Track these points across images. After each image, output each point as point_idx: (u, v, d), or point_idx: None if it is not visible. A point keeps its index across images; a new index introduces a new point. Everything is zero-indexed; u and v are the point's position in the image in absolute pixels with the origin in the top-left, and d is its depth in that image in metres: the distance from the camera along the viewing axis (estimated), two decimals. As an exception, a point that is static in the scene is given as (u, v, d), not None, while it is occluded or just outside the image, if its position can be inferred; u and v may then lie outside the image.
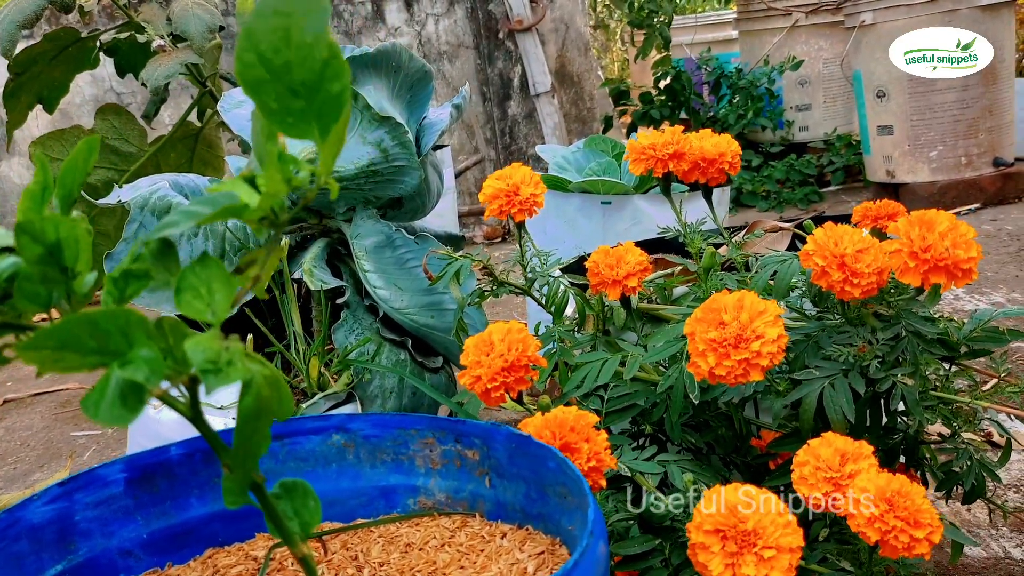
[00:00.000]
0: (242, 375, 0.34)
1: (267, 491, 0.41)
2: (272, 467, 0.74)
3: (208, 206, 0.35)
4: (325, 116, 0.36)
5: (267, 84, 0.35)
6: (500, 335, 0.81)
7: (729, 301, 0.77)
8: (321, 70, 0.35)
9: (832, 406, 0.77)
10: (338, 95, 0.35)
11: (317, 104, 0.35)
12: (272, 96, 0.35)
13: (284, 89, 0.35)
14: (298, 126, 0.36)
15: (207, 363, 0.33)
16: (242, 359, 0.34)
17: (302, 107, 0.35)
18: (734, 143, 0.95)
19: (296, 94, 0.35)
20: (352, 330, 1.12)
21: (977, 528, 1.14)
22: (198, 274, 0.36)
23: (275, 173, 0.36)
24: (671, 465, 0.84)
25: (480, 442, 0.70)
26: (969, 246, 0.70)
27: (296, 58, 0.34)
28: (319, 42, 0.34)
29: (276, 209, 0.37)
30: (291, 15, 0.34)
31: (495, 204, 0.89)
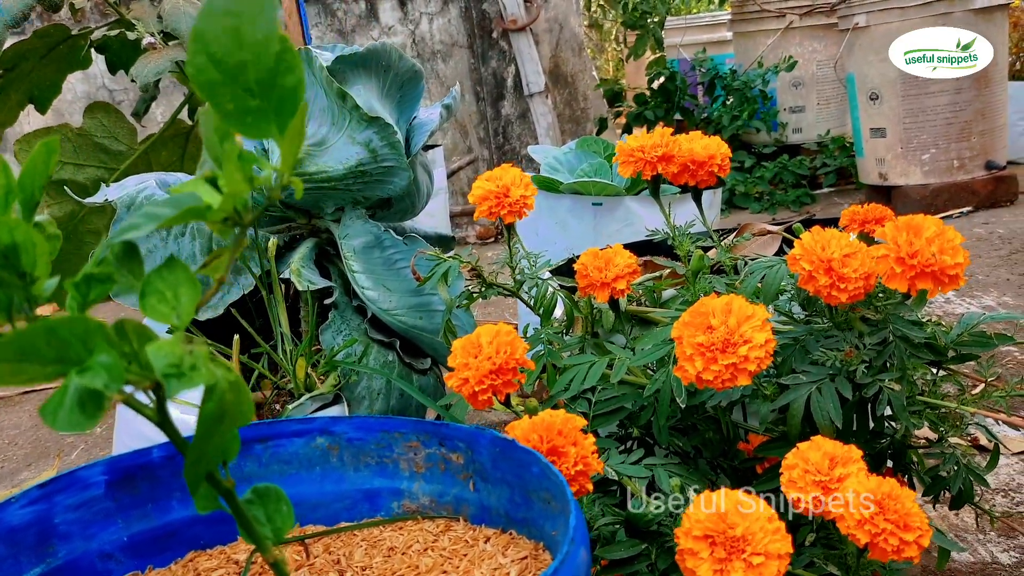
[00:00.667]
0: (206, 379, 0.33)
1: (238, 497, 0.40)
2: (255, 470, 0.74)
3: (171, 207, 0.34)
4: (282, 112, 0.35)
5: (222, 86, 0.34)
6: (488, 337, 0.81)
7: (717, 305, 0.76)
8: (275, 65, 0.34)
9: (819, 411, 0.77)
10: (293, 89, 0.35)
11: (273, 101, 0.35)
12: (228, 98, 0.35)
13: (239, 90, 0.34)
14: (257, 126, 0.35)
15: (169, 368, 0.32)
16: (206, 363, 0.34)
17: (258, 106, 0.35)
18: (723, 145, 0.95)
19: (251, 93, 0.35)
20: (340, 331, 1.11)
21: (965, 532, 1.14)
22: (164, 278, 0.35)
23: (235, 173, 0.35)
24: (658, 469, 0.83)
25: (464, 446, 0.70)
26: (956, 252, 0.70)
27: (250, 57, 0.34)
28: (271, 38, 0.34)
29: (240, 209, 0.36)
30: (241, 15, 0.33)
31: (485, 205, 0.88)
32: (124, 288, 0.36)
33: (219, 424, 0.35)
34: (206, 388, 0.34)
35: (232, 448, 0.39)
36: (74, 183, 1.75)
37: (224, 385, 0.35)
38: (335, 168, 1.09)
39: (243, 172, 0.36)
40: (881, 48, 2.91)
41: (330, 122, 1.10)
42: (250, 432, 0.73)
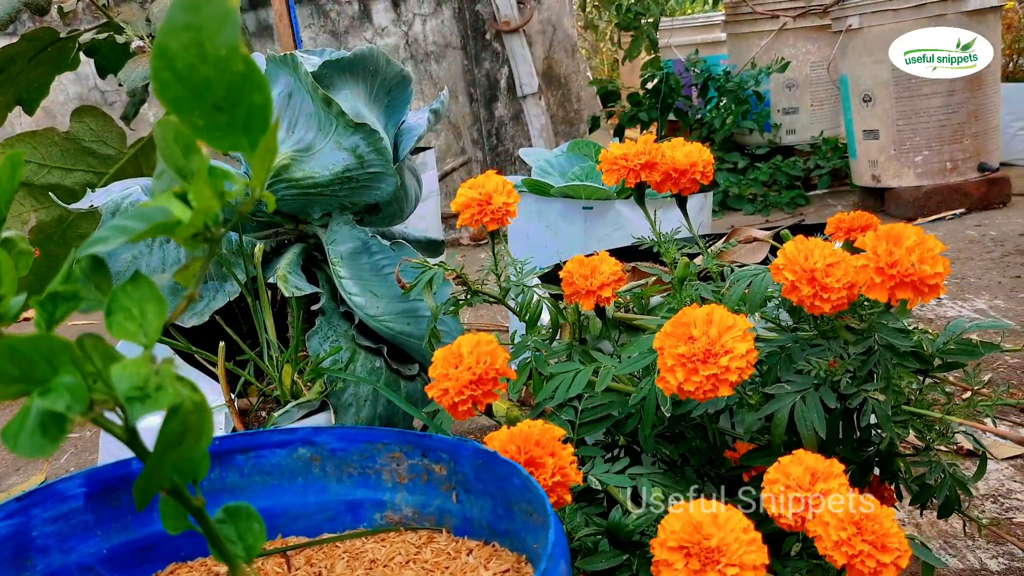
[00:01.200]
0: (171, 400, 0.33)
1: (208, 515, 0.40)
2: (237, 481, 0.73)
3: (141, 221, 0.34)
4: (251, 129, 0.35)
5: (189, 101, 0.34)
6: (469, 347, 0.80)
7: (698, 315, 0.76)
8: (240, 83, 0.34)
9: (803, 421, 0.76)
10: (262, 106, 0.35)
11: (242, 117, 0.35)
12: (196, 113, 0.34)
13: (208, 105, 0.34)
14: (228, 139, 0.35)
15: (133, 390, 0.32)
16: (172, 383, 0.33)
17: (228, 121, 0.35)
18: (706, 152, 0.95)
19: (220, 109, 0.34)
20: (327, 337, 1.11)
21: (954, 539, 1.13)
22: (130, 294, 0.35)
23: (204, 188, 0.35)
24: (642, 479, 0.83)
25: (447, 457, 0.69)
26: (936, 261, 0.70)
27: (214, 73, 0.33)
28: (234, 55, 0.33)
29: (210, 224, 0.36)
30: (202, 29, 0.33)
31: (467, 213, 0.88)
32: (91, 305, 0.36)
33: (178, 445, 0.35)
34: (169, 409, 0.34)
35: (201, 467, 0.39)
36: (62, 187, 1.74)
37: (188, 406, 0.35)
38: (321, 174, 1.08)
39: (213, 187, 0.36)
40: (874, 50, 2.91)
41: (316, 128, 1.09)
42: (231, 443, 0.72)
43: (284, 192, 1.10)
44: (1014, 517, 1.18)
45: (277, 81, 1.14)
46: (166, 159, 0.36)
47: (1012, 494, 1.24)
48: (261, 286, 1.08)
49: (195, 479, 0.39)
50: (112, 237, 0.35)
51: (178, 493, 0.39)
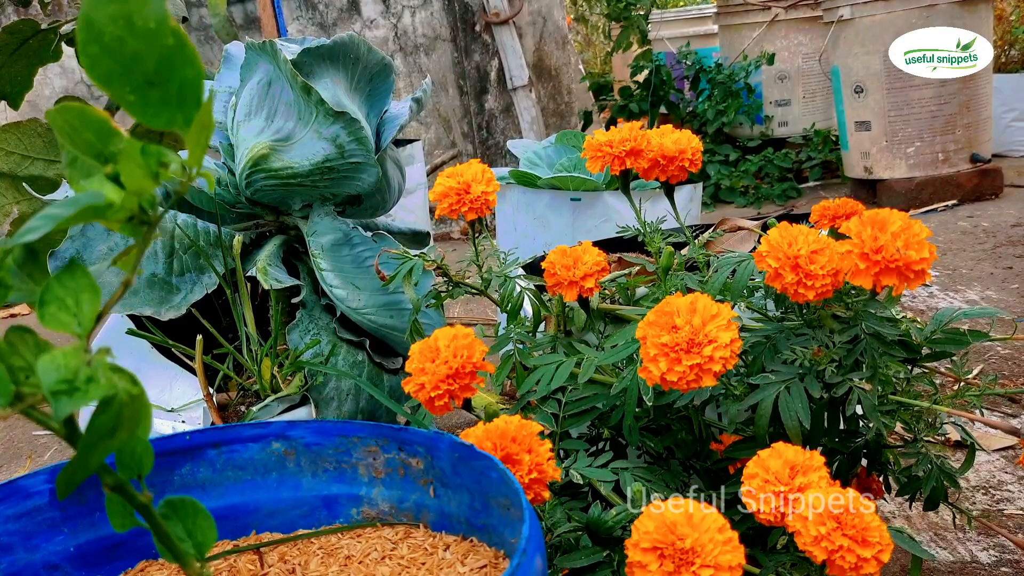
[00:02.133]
0: (104, 392, 0.31)
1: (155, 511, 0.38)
2: (209, 476, 0.71)
3: (71, 207, 0.32)
4: (184, 104, 0.33)
5: (119, 77, 0.32)
6: (446, 341, 0.79)
7: (682, 304, 0.75)
8: (171, 57, 0.32)
9: (787, 412, 0.75)
10: (194, 81, 0.33)
11: (174, 92, 0.33)
12: (127, 88, 0.32)
13: (139, 81, 0.32)
14: (161, 115, 0.33)
15: (60, 383, 0.30)
16: (106, 374, 0.32)
17: (161, 96, 0.33)
18: (695, 140, 0.93)
19: (152, 84, 0.32)
20: (308, 330, 1.09)
21: (944, 531, 1.12)
22: (64, 284, 0.33)
23: (136, 168, 0.33)
24: (624, 473, 0.81)
25: (424, 451, 0.68)
26: (922, 247, 0.68)
27: (144, 47, 0.32)
28: (163, 27, 0.32)
29: (146, 207, 0.34)
30: (128, 1, 0.31)
31: (445, 203, 0.86)
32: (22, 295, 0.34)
33: (109, 438, 0.33)
34: (101, 401, 0.32)
35: (145, 461, 0.37)
36: (45, 179, 1.72)
37: (123, 398, 0.33)
38: (301, 164, 1.06)
39: (146, 167, 0.34)
40: (866, 40, 2.90)
41: (296, 117, 1.07)
42: (203, 437, 0.70)
43: (263, 183, 1.08)
44: (1005, 508, 1.17)
45: (256, 69, 1.11)
46: (76, 145, 0.34)
47: (1003, 485, 1.23)
48: (240, 279, 1.06)
49: (140, 474, 0.37)
50: (43, 225, 0.33)
51: (122, 489, 0.37)
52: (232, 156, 1.12)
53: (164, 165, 0.36)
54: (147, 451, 0.36)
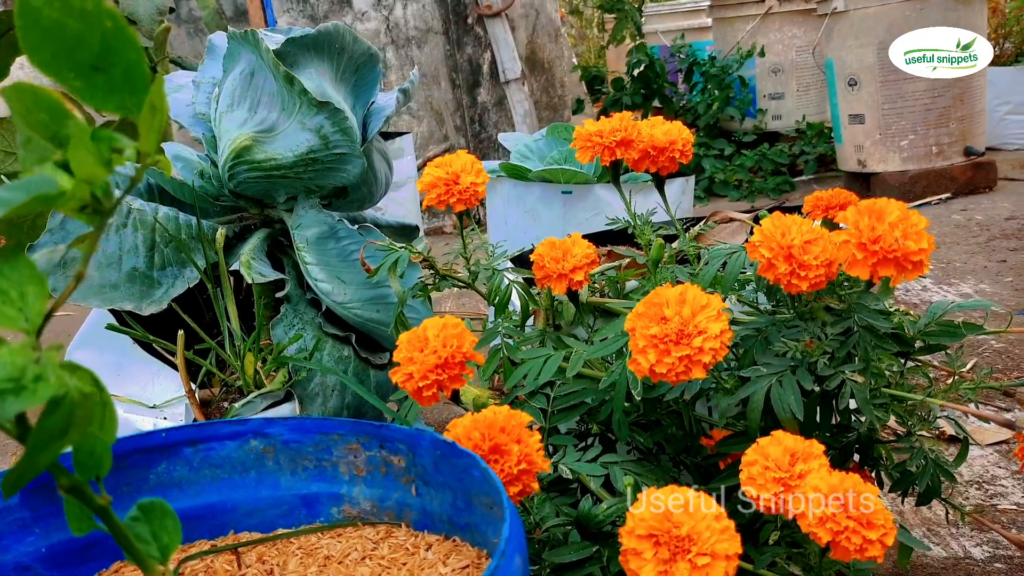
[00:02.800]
0: (53, 392, 0.29)
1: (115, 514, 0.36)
2: (185, 475, 0.70)
3: (21, 192, 0.30)
4: (134, 88, 0.31)
5: (63, 62, 0.30)
6: (435, 330, 0.77)
7: (671, 295, 0.73)
8: (113, 40, 0.30)
9: (780, 404, 0.73)
10: (137, 63, 0.31)
11: (119, 76, 0.31)
12: (72, 74, 0.31)
13: (84, 65, 0.31)
14: (111, 100, 0.32)
15: (5, 382, 0.28)
16: (56, 372, 0.30)
17: (107, 81, 0.31)
18: (685, 131, 0.91)
19: (97, 69, 0.31)
20: (292, 325, 1.07)
21: (938, 526, 1.11)
22: (7, 276, 0.31)
23: (86, 155, 0.31)
24: (613, 467, 0.80)
25: (405, 448, 0.66)
26: (920, 237, 0.66)
27: (85, 29, 0.30)
28: (99, 8, 0.30)
29: (99, 195, 0.32)
30: None
31: (433, 193, 0.84)
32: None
33: (60, 438, 0.31)
34: (50, 400, 0.30)
35: (104, 462, 0.35)
36: (28, 174, 1.69)
37: (75, 397, 0.31)
38: (284, 155, 1.04)
39: (97, 154, 0.32)
40: (860, 33, 2.88)
41: (280, 108, 1.05)
42: (178, 435, 0.69)
43: (246, 175, 1.06)
44: (999, 504, 1.16)
45: (239, 59, 1.09)
46: (32, 126, 0.32)
47: (997, 480, 1.21)
48: (223, 272, 1.04)
49: (98, 475, 0.36)
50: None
51: (79, 491, 0.35)
52: (215, 148, 1.10)
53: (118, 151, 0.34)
54: (105, 451, 0.34)
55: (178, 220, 1.04)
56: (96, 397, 0.32)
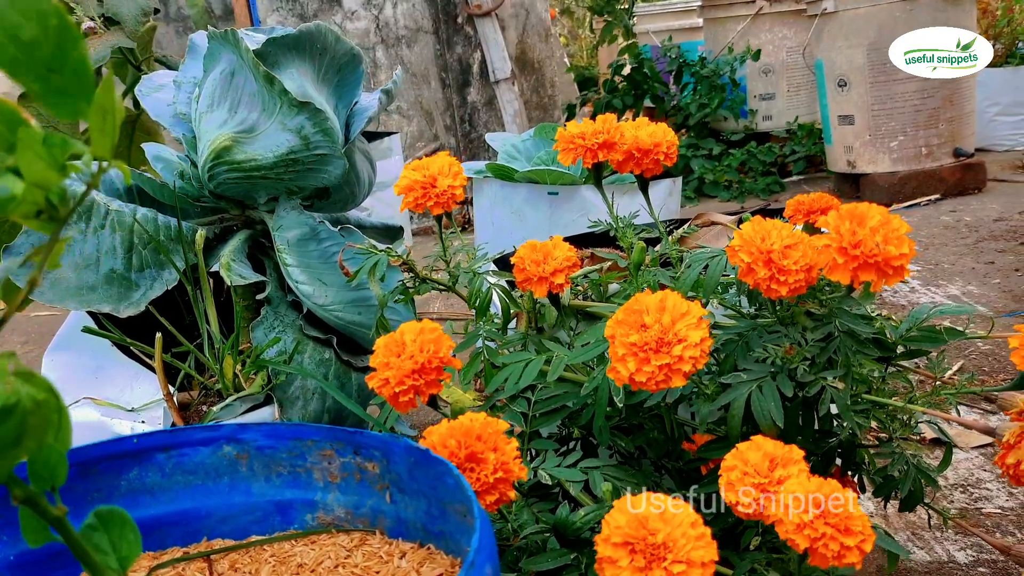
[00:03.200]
0: (4, 400, 0.29)
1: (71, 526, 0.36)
2: (158, 481, 0.69)
3: (-29, 199, 0.29)
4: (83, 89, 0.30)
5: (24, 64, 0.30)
6: (412, 335, 0.76)
7: (651, 302, 0.72)
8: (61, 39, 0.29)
9: (760, 411, 0.73)
10: (82, 61, 0.30)
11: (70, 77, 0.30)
12: (31, 76, 0.30)
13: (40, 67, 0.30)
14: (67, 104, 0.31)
15: (-51, 392, 0.27)
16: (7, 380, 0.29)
17: (61, 83, 0.30)
18: (670, 132, 0.91)
19: (52, 70, 0.30)
20: (273, 327, 1.06)
21: (921, 530, 1.11)
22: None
23: (35, 159, 0.30)
24: (594, 472, 0.79)
25: (380, 455, 0.65)
26: (901, 242, 0.66)
27: (40, 31, 0.29)
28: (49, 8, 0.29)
29: (55, 200, 0.31)
30: None
31: (410, 197, 0.83)
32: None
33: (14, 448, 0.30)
34: (1, 409, 0.29)
35: (59, 471, 0.34)
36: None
37: (27, 405, 0.30)
38: (265, 156, 1.03)
39: (50, 158, 0.31)
40: (850, 34, 2.88)
41: (260, 108, 1.04)
42: (150, 440, 0.68)
43: (225, 176, 1.05)
44: (983, 507, 1.15)
45: (220, 59, 1.08)
46: None
47: (981, 483, 1.21)
48: (203, 274, 1.03)
49: (53, 485, 0.35)
50: (-68, 214, 0.30)
51: (33, 502, 0.34)
52: (196, 149, 1.09)
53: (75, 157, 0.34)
54: (61, 461, 0.34)
55: (157, 221, 1.03)
56: (51, 405, 0.31)
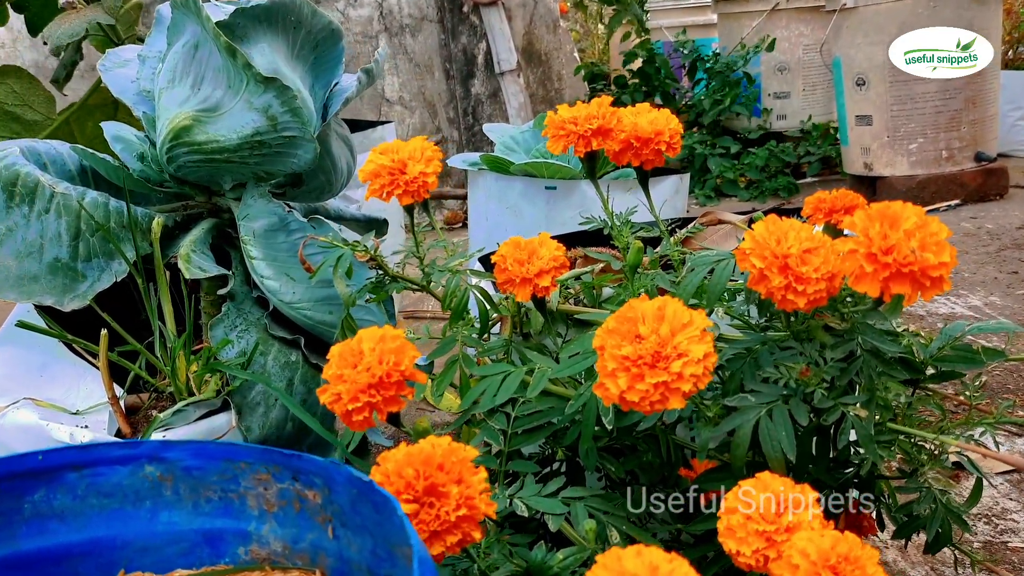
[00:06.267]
0: None
1: None
2: (68, 504, 0.59)
3: None
4: None
5: None
6: (371, 343, 0.66)
7: (648, 309, 0.63)
8: None
9: (769, 441, 0.63)
10: None
11: None
12: None
13: None
14: None
15: None
16: None
17: None
18: (674, 120, 0.81)
19: None
20: (234, 326, 0.96)
21: (942, 565, 1.01)
22: None
23: None
24: (577, 504, 0.70)
25: (321, 483, 0.56)
26: (941, 248, 0.56)
27: None
28: None
29: None
30: None
31: (377, 183, 0.74)
32: None
33: None
34: None
35: None
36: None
37: None
38: (228, 137, 0.94)
39: None
40: (870, 31, 2.77)
41: (226, 85, 0.95)
42: (60, 457, 0.58)
43: (185, 158, 0.95)
44: (1009, 541, 1.05)
45: (184, 31, 0.99)
46: None
47: (1007, 514, 1.11)
48: (158, 265, 0.94)
49: None
50: None
51: None
52: (156, 128, 1.00)
53: None
54: None
55: (108, 207, 0.93)
56: None
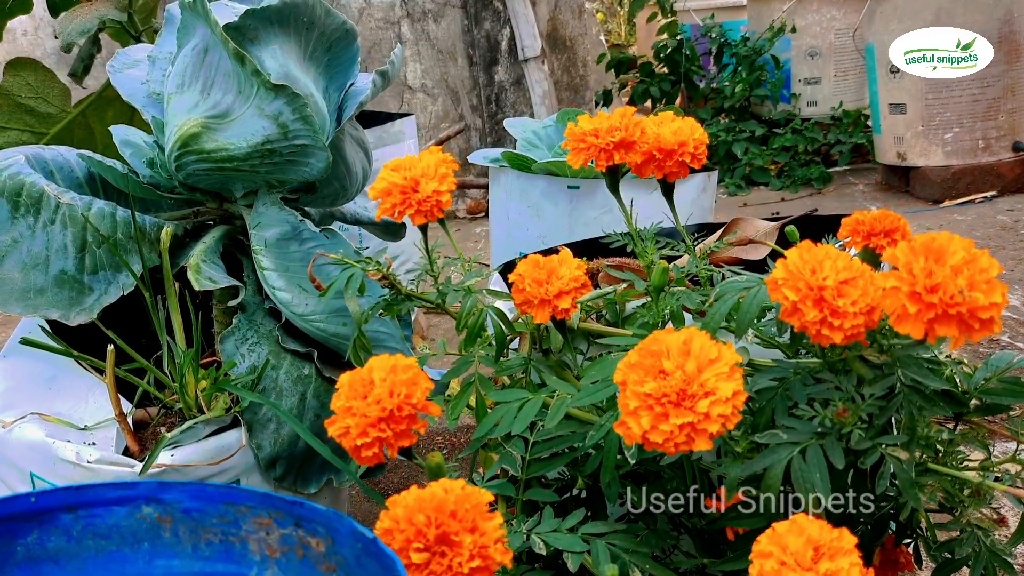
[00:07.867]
0: None
1: None
2: (63, 546, 0.57)
3: None
4: None
5: None
6: (382, 373, 0.63)
7: (673, 343, 0.59)
8: None
9: (802, 484, 0.59)
10: None
11: None
12: None
13: None
14: None
15: None
16: None
17: None
18: (699, 129, 0.77)
19: None
20: (245, 338, 0.94)
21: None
22: None
23: None
24: (597, 542, 0.66)
25: (324, 531, 0.53)
26: (992, 288, 0.52)
27: None
28: None
29: None
30: None
31: (388, 202, 0.70)
32: None
33: None
34: None
35: None
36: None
37: None
38: (237, 145, 0.91)
39: None
40: (905, 16, 2.68)
41: (236, 90, 0.92)
42: (53, 499, 0.56)
43: (194, 166, 0.93)
44: (1052, 567, 1.00)
45: (193, 33, 0.96)
46: None
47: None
48: (167, 277, 0.91)
49: None
50: None
51: None
52: (164, 133, 0.97)
53: None
54: None
55: (115, 216, 0.91)
56: None
